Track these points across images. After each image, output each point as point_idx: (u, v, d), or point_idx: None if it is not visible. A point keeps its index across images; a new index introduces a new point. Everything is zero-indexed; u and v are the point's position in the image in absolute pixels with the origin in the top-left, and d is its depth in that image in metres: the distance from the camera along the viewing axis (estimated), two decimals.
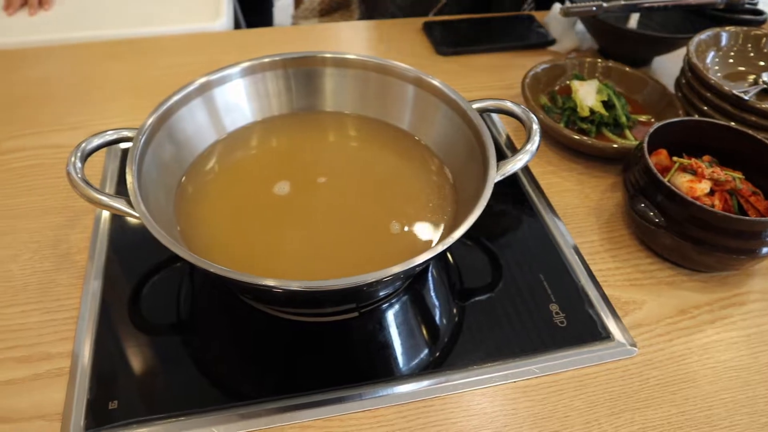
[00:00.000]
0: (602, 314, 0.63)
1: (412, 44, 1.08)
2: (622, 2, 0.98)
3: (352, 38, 1.10)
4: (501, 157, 0.60)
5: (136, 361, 0.58)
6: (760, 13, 1.00)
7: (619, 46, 1.04)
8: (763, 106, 0.76)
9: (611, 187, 0.79)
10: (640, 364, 0.60)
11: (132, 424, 0.53)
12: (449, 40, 1.06)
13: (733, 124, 0.74)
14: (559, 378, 0.58)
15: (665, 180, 0.64)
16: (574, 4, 0.98)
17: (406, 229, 0.62)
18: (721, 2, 0.99)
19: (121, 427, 0.52)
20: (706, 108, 0.82)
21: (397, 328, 0.61)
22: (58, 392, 0.55)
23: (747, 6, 0.99)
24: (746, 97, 0.77)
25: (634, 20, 1.08)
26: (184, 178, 0.65)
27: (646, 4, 0.99)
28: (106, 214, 0.71)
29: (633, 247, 0.71)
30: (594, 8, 0.96)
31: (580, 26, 1.10)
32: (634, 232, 0.73)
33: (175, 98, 0.63)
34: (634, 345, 0.61)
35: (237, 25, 1.34)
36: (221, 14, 1.13)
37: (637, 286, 0.67)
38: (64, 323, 0.61)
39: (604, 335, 0.62)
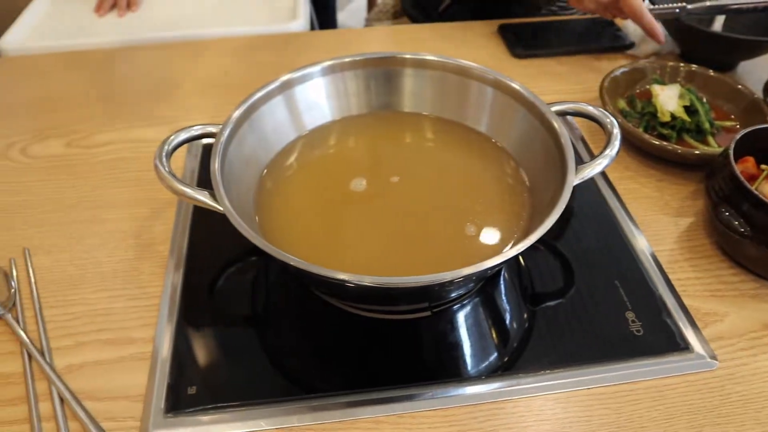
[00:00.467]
0: (681, 324, 0.62)
1: (487, 47, 1.08)
2: (708, 3, 0.95)
3: (426, 40, 1.11)
4: (578, 160, 0.59)
5: (213, 350, 0.60)
6: None
7: (703, 50, 1.00)
8: None
9: (692, 195, 0.77)
10: (722, 378, 0.57)
11: (209, 410, 0.54)
12: (525, 43, 1.05)
13: None
14: (636, 387, 0.56)
15: (752, 188, 0.62)
16: (656, 6, 0.95)
17: (480, 231, 0.62)
18: None
19: (200, 413, 0.54)
20: None
21: (468, 329, 0.61)
22: (140, 375, 0.57)
23: None
24: None
25: (718, 23, 1.04)
26: (264, 172, 0.67)
27: (734, 6, 0.95)
28: (187, 207, 0.74)
29: (715, 257, 0.69)
30: (677, 10, 0.93)
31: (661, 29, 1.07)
32: (716, 242, 0.70)
33: (258, 95, 0.65)
34: (714, 358, 0.59)
35: (311, 27, 1.37)
36: (299, 15, 1.16)
37: (718, 297, 0.65)
38: (146, 310, 0.63)
39: (683, 346, 0.60)
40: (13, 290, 0.63)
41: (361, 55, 0.71)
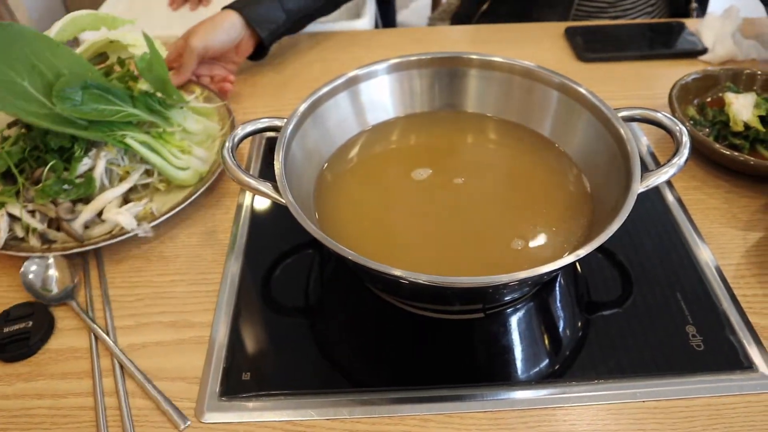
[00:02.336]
0: (745, 342, 0.59)
1: (553, 49, 1.06)
2: None
3: (490, 40, 1.10)
4: (642, 169, 0.57)
5: (267, 339, 0.61)
6: None
7: None
8: None
9: (763, 209, 0.74)
10: None
11: (262, 396, 0.56)
12: (592, 46, 1.03)
13: None
14: (693, 404, 0.55)
15: None
16: None
17: (538, 235, 0.61)
18: None
19: (253, 398, 0.56)
20: None
21: (521, 333, 0.61)
22: (197, 358, 0.59)
23: None
24: None
25: None
26: (325, 166, 0.68)
27: None
28: (247, 200, 0.76)
29: None
30: None
31: (738, 35, 1.03)
32: None
33: (324, 90, 0.66)
34: None
35: (375, 25, 1.37)
36: (364, 14, 1.16)
37: None
38: (206, 296, 0.65)
39: (746, 365, 0.57)
40: (77, 279, 0.66)
41: (427, 54, 0.71)
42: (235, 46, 0.94)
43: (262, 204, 0.75)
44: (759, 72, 0.87)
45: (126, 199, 0.72)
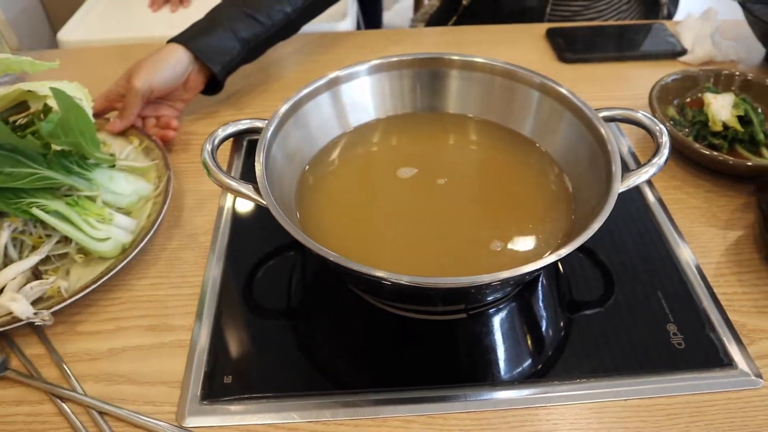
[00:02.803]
0: (725, 340, 0.60)
1: (535, 50, 1.06)
2: None
3: (471, 42, 1.10)
4: (623, 169, 0.58)
5: (249, 341, 0.61)
6: None
7: None
8: None
9: (742, 207, 0.74)
10: (766, 397, 0.56)
11: (244, 399, 0.55)
12: (573, 47, 1.04)
13: None
14: (674, 401, 0.55)
15: None
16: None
17: (520, 235, 0.61)
18: None
19: (234, 402, 0.55)
20: None
21: (504, 333, 0.61)
22: (179, 362, 0.59)
23: None
24: None
25: None
26: (307, 168, 0.68)
27: None
28: (228, 201, 0.75)
29: (764, 273, 0.67)
30: None
31: (716, 36, 1.04)
32: (766, 257, 0.68)
33: (305, 91, 0.66)
34: (759, 376, 0.57)
35: (358, 27, 1.37)
36: (346, 15, 1.16)
37: (765, 314, 0.63)
38: (187, 299, 0.65)
39: (726, 362, 0.58)
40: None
41: (408, 55, 0.71)
42: (183, 83, 0.84)
43: (243, 206, 0.75)
44: (737, 73, 0.88)
45: (36, 273, 0.64)
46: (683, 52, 1.03)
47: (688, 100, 0.88)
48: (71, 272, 0.66)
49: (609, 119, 0.63)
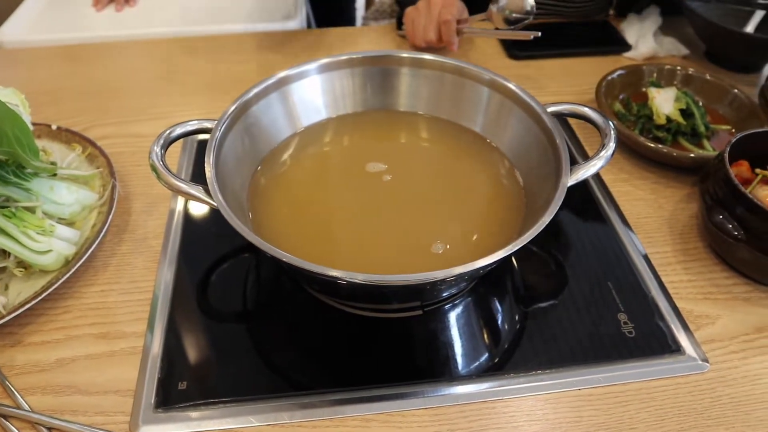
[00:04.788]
0: (673, 327, 0.62)
1: (485, 47, 1.08)
2: None
3: None
4: (572, 162, 0.59)
5: (204, 346, 0.60)
6: None
7: (727, 49, 1.02)
8: None
9: (686, 198, 0.77)
10: (712, 380, 0.58)
11: (199, 405, 0.54)
12: (522, 44, 1.05)
13: None
14: (626, 389, 0.56)
15: (747, 192, 0.62)
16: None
17: (473, 230, 0.62)
18: None
19: (189, 408, 0.54)
20: None
21: (460, 328, 0.61)
22: (131, 370, 0.57)
23: None
24: None
25: (751, 26, 1.04)
26: (258, 169, 0.67)
27: (762, 1, 0.94)
28: (180, 204, 0.74)
29: (708, 261, 0.69)
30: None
31: (658, 33, 1.07)
32: (709, 245, 0.70)
33: (254, 91, 0.65)
34: (705, 360, 0.59)
35: (308, 25, 1.36)
36: (295, 14, 1.15)
37: (710, 300, 0.65)
38: (139, 304, 0.63)
39: (674, 348, 0.60)
40: None
41: (357, 54, 0.71)
42: None
43: (196, 208, 0.73)
44: (678, 67, 0.91)
45: None
46: (628, 48, 1.06)
47: (633, 94, 0.90)
48: (10, 287, 0.63)
49: (557, 114, 0.64)
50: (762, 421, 0.55)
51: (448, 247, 0.59)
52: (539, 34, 0.92)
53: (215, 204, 0.54)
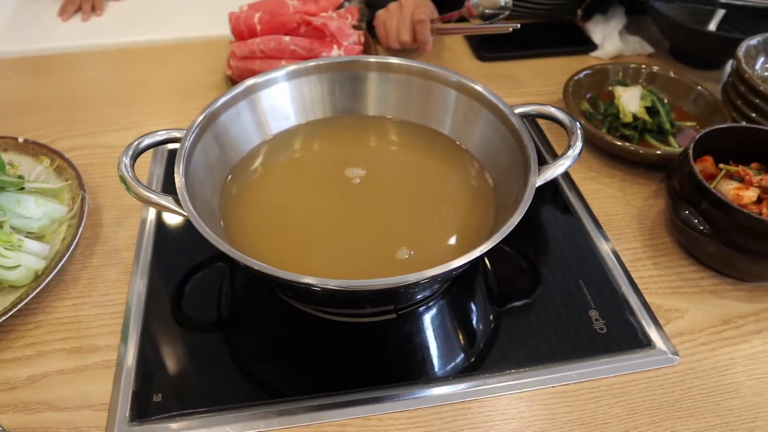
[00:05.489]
0: (643, 322, 0.63)
1: (453, 50, 1.08)
2: None
3: None
4: (542, 162, 0.59)
5: (179, 357, 0.59)
6: None
7: (690, 47, 1.04)
8: None
9: (654, 194, 0.78)
10: (682, 372, 0.59)
11: (175, 417, 0.54)
12: (490, 46, 1.06)
13: None
14: (599, 384, 0.57)
15: (711, 187, 0.63)
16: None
17: (445, 232, 0.62)
18: None
19: (166, 420, 0.54)
20: (754, 115, 0.80)
21: (435, 330, 0.62)
22: (105, 383, 0.57)
23: None
24: None
25: (713, 24, 1.06)
26: (229, 178, 0.67)
27: (722, 0, 0.97)
28: (151, 214, 0.73)
29: (676, 255, 0.70)
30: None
31: (624, 32, 1.09)
32: (677, 240, 0.72)
33: (222, 100, 0.65)
34: (675, 353, 0.60)
35: None
36: None
37: (679, 294, 0.66)
38: (111, 317, 0.63)
39: (645, 343, 0.61)
40: None
41: (325, 60, 0.71)
42: None
43: (168, 218, 0.73)
44: (643, 66, 0.93)
45: None
46: (594, 48, 1.07)
47: (600, 93, 0.91)
48: None
49: (524, 115, 0.65)
50: (731, 411, 0.56)
51: (412, 253, 0.59)
52: (518, 25, 0.92)
53: (186, 214, 0.54)
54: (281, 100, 0.71)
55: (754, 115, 0.80)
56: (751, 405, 0.56)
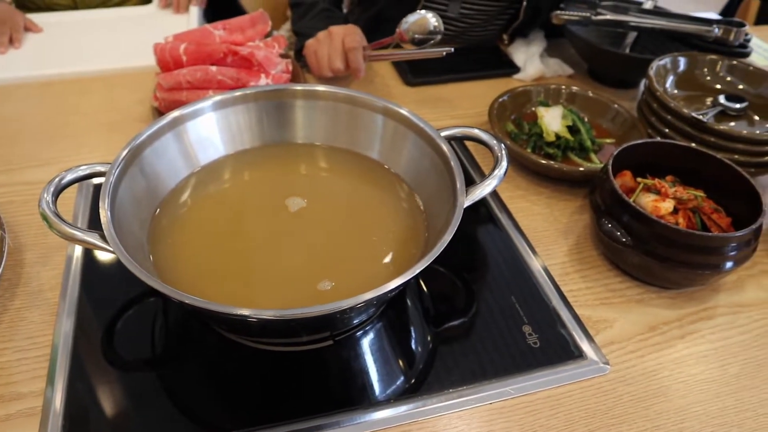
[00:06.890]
0: (574, 334, 0.65)
1: (381, 76, 1.10)
2: (609, 17, 1.02)
3: None
4: (470, 183, 0.61)
5: (111, 399, 0.57)
6: (745, 47, 1.04)
7: (606, 68, 1.10)
8: (721, 127, 0.80)
9: (579, 210, 0.81)
10: (614, 381, 0.61)
11: None
12: (417, 71, 1.08)
13: (693, 145, 0.77)
14: (535, 398, 0.59)
15: (630, 200, 0.66)
16: (565, 11, 1.02)
17: (377, 256, 0.63)
18: (711, 36, 1.01)
19: None
20: (667, 130, 0.85)
21: (373, 355, 0.62)
22: None
23: (737, 44, 1.02)
24: (705, 119, 0.80)
25: (627, 44, 1.12)
26: (158, 211, 0.65)
27: (633, 23, 1.02)
28: (77, 251, 0.71)
29: (602, 267, 0.73)
30: (587, 14, 1.01)
31: (544, 55, 1.14)
32: (602, 253, 0.74)
33: (148, 132, 0.64)
34: (606, 363, 0.62)
35: None
36: None
37: (607, 304, 0.69)
38: (36, 361, 0.60)
39: (577, 354, 0.63)
40: None
41: (251, 89, 0.70)
42: None
43: (94, 255, 0.71)
44: (563, 86, 0.97)
45: None
46: (517, 70, 1.11)
47: (524, 114, 0.95)
48: None
49: (451, 137, 0.66)
50: (660, 414, 0.58)
51: (334, 284, 0.59)
52: (452, 49, 0.94)
53: (112, 250, 0.52)
54: (209, 131, 0.70)
55: (667, 130, 0.85)
56: (679, 407, 0.59)
